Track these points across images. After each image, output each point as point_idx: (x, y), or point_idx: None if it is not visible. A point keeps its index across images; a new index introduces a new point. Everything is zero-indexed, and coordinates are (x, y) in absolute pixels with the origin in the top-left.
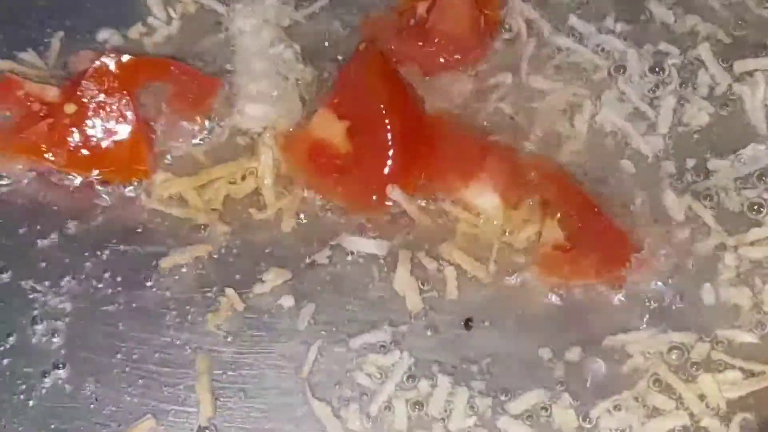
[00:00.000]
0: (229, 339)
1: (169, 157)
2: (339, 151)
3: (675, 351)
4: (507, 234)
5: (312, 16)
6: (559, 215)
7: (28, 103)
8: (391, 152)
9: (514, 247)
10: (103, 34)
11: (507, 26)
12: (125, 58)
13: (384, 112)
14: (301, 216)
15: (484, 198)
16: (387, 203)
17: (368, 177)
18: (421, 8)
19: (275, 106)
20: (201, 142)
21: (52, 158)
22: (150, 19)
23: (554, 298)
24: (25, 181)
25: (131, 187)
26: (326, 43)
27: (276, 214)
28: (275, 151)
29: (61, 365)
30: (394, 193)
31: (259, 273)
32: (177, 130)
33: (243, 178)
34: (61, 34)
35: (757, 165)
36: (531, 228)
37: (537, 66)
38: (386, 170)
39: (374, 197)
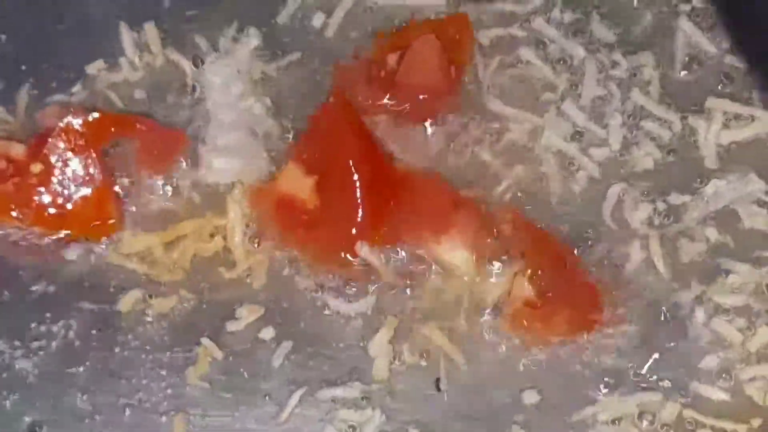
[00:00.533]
0: (200, 395)
1: (136, 213)
2: (307, 206)
3: (645, 414)
4: (477, 290)
5: (283, 69)
6: (529, 271)
7: None
8: (360, 208)
9: (484, 304)
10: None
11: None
12: (92, 116)
13: (352, 166)
14: (272, 271)
15: (455, 253)
16: (356, 260)
17: (337, 233)
18: (391, 59)
19: (243, 160)
20: (168, 197)
21: (19, 217)
22: (121, 60)
23: (524, 357)
24: None
25: (98, 245)
26: (297, 97)
27: (246, 271)
28: (244, 207)
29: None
30: (363, 250)
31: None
32: (144, 185)
33: (211, 235)
34: (28, 85)
35: (720, 202)
36: (502, 284)
37: (499, 91)
38: (355, 226)
39: (343, 253)
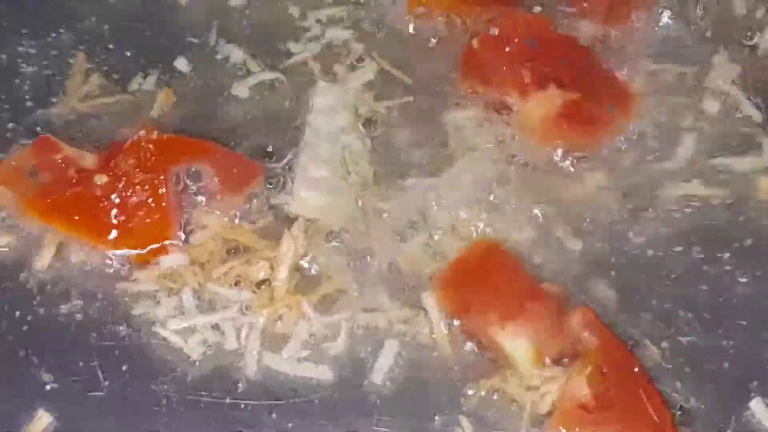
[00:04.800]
0: None
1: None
2: None
3: None
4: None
5: (390, 110)
6: (588, 370)
7: (63, 166)
8: None
9: (537, 403)
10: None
11: None
12: (165, 135)
13: None
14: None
15: (515, 343)
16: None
17: None
18: None
19: (332, 198)
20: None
21: (75, 228)
22: None
23: None
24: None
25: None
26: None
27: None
28: (299, 245)
29: None
30: (428, 301)
31: None
32: (212, 210)
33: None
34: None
35: None
36: (557, 381)
37: None
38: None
39: None
